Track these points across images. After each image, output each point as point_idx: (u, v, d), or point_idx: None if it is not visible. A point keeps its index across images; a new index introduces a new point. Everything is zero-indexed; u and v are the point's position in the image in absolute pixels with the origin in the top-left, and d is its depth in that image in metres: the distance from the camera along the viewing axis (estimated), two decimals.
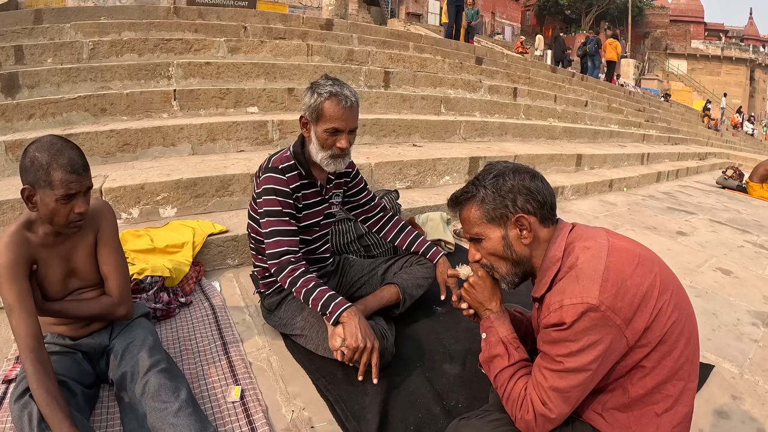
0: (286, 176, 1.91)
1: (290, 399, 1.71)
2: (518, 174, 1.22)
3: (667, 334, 1.08)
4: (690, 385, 1.13)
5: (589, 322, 1.04)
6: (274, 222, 1.87)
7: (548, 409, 1.11)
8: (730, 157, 13.09)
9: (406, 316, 2.21)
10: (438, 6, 28.01)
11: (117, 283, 1.66)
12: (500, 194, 1.21)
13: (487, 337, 1.33)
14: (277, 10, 13.43)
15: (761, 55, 41.70)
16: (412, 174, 4.20)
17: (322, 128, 1.85)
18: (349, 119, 1.87)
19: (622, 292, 1.05)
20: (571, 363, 1.07)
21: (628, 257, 1.12)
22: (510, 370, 1.25)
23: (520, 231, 1.21)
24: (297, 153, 1.96)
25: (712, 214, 5.38)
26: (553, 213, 1.25)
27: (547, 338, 1.12)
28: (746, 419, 1.80)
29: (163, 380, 1.48)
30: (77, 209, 1.45)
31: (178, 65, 4.95)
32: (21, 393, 1.35)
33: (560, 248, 1.19)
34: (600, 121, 9.70)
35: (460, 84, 7.40)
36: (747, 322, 2.62)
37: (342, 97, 1.83)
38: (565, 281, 1.11)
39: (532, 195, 1.20)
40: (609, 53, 16.60)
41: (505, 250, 1.24)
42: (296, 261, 1.85)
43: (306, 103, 1.87)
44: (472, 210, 1.25)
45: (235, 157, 3.80)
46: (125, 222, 2.91)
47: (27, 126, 3.77)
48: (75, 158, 1.43)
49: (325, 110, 1.83)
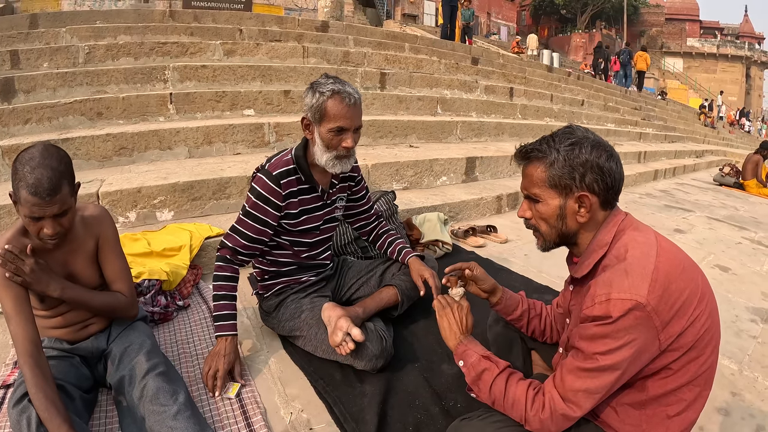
0: (281, 183, 1.86)
1: (289, 401, 1.70)
2: (596, 149, 1.15)
3: (699, 341, 1.07)
4: (704, 393, 1.12)
5: (633, 321, 1.01)
6: (241, 220, 1.88)
7: (570, 407, 1.09)
8: (727, 155, 13.14)
9: (404, 317, 2.21)
10: (434, 7, 28.10)
11: (128, 285, 1.70)
12: (571, 165, 1.15)
13: (466, 361, 1.30)
14: (272, 12, 13.45)
15: (757, 53, 41.87)
16: (408, 175, 4.20)
17: (327, 128, 1.79)
18: (354, 117, 1.82)
19: (666, 295, 1.03)
20: (605, 361, 1.04)
21: (675, 261, 1.09)
22: (503, 376, 1.23)
23: (578, 208, 1.17)
24: (299, 157, 1.90)
25: (710, 212, 5.39)
26: (616, 198, 1.19)
27: (585, 333, 1.08)
28: (746, 416, 1.79)
29: (161, 383, 1.47)
30: (46, 230, 1.41)
31: (174, 68, 4.95)
32: (19, 398, 1.35)
33: (610, 234, 1.16)
34: (596, 119, 9.73)
35: (456, 84, 7.41)
36: (746, 318, 2.62)
37: (345, 94, 1.78)
38: (613, 273, 1.07)
39: (602, 175, 1.14)
40: (639, 64, 17.95)
41: (558, 220, 1.20)
42: (230, 260, 1.88)
43: (307, 104, 1.81)
44: (538, 170, 1.19)
45: (232, 160, 3.80)
46: (122, 226, 2.91)
47: (23, 131, 3.77)
48: (43, 181, 1.34)
49: (329, 109, 1.77)
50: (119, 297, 1.66)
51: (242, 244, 1.88)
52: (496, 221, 3.89)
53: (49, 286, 1.46)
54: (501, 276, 2.85)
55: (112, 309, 1.66)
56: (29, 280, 1.40)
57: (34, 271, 1.41)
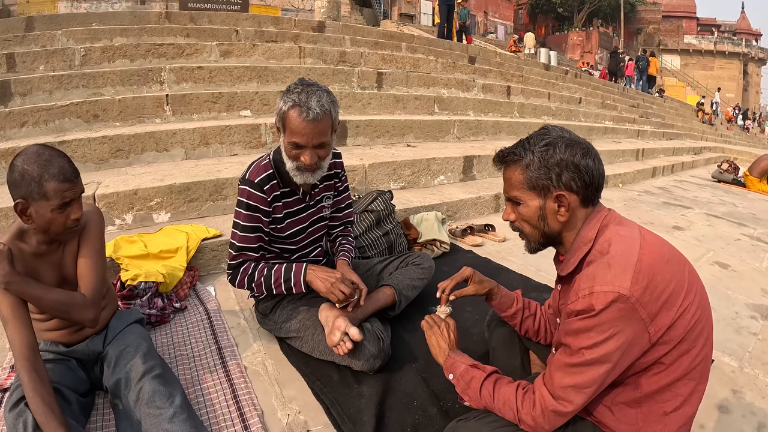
0: (264, 189, 1.83)
1: (286, 403, 1.69)
2: (570, 147, 1.16)
3: (689, 333, 1.07)
4: (700, 387, 1.12)
5: (617, 313, 1.01)
6: (237, 236, 1.87)
7: (561, 403, 1.09)
8: (725, 151, 13.13)
9: (402, 317, 2.20)
10: (430, 7, 28.08)
11: (92, 285, 1.57)
12: (546, 165, 1.16)
13: (456, 372, 1.34)
14: (269, 13, 13.42)
15: (754, 49, 41.93)
16: (406, 174, 4.19)
17: (287, 140, 1.73)
18: (312, 134, 1.69)
19: (651, 287, 1.03)
20: (592, 354, 1.04)
21: (659, 253, 1.10)
22: (491, 380, 1.25)
23: (558, 207, 1.18)
24: (276, 161, 1.86)
25: (709, 208, 5.38)
26: (597, 194, 1.20)
27: (570, 328, 1.09)
28: (747, 413, 1.79)
29: (158, 386, 1.47)
30: (73, 215, 1.46)
31: (171, 70, 4.94)
32: (16, 401, 1.34)
33: (594, 229, 1.16)
34: (594, 117, 9.73)
35: (454, 83, 7.40)
36: (746, 315, 2.62)
37: (304, 108, 1.65)
38: (596, 267, 1.08)
39: (579, 173, 1.15)
40: (650, 69, 20.07)
41: (539, 221, 1.22)
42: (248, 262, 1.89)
43: (276, 108, 1.75)
44: (516, 173, 1.22)
45: (229, 161, 3.79)
46: (119, 228, 2.90)
47: (20, 134, 3.76)
48: (65, 166, 1.43)
49: (287, 121, 1.70)
50: (75, 296, 1.52)
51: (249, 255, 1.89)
52: (494, 220, 3.88)
53: None
54: (499, 275, 2.84)
55: (66, 308, 1.49)
56: None
57: None
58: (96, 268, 1.59)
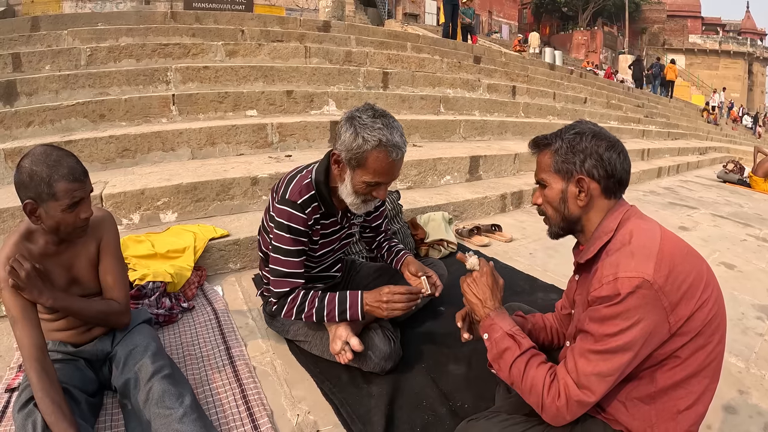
0: (306, 212, 1.72)
1: (295, 403, 1.69)
2: (597, 138, 1.23)
3: (706, 326, 1.09)
4: (712, 386, 1.13)
5: (641, 300, 1.03)
6: (282, 261, 1.75)
7: (585, 393, 1.09)
8: (731, 151, 13.10)
9: (411, 318, 2.20)
10: (435, 6, 28.06)
11: (123, 293, 1.67)
12: (572, 150, 1.24)
13: (491, 335, 1.29)
14: (274, 13, 13.46)
15: (759, 49, 41.70)
16: (412, 174, 4.19)
17: (362, 179, 1.59)
18: (397, 171, 1.60)
19: (673, 276, 1.05)
20: (616, 342, 1.06)
21: (679, 246, 1.13)
22: (524, 358, 1.22)
23: (578, 192, 1.24)
24: (319, 183, 1.73)
25: (714, 209, 5.36)
26: (620, 188, 1.25)
27: (595, 315, 1.10)
28: (754, 414, 1.78)
29: (167, 386, 1.47)
30: (83, 214, 1.47)
31: (176, 70, 4.95)
32: (25, 402, 1.34)
33: (615, 221, 1.21)
34: (599, 117, 9.69)
35: (459, 83, 7.38)
36: (752, 316, 2.61)
37: (392, 148, 1.53)
38: (619, 255, 1.11)
39: (601, 162, 1.21)
40: (669, 75, 20.84)
41: (560, 203, 1.27)
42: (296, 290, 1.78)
43: (344, 142, 1.57)
44: (546, 156, 1.29)
45: (235, 161, 3.79)
46: (126, 228, 2.90)
47: (26, 133, 3.77)
48: (74, 166, 1.43)
49: (370, 162, 1.55)
50: (113, 305, 1.63)
51: (296, 282, 1.78)
52: (500, 220, 3.88)
53: (41, 296, 1.43)
54: (506, 275, 2.82)
55: (105, 317, 1.63)
56: (23, 286, 1.38)
57: (30, 278, 1.39)
58: (123, 276, 1.70)
